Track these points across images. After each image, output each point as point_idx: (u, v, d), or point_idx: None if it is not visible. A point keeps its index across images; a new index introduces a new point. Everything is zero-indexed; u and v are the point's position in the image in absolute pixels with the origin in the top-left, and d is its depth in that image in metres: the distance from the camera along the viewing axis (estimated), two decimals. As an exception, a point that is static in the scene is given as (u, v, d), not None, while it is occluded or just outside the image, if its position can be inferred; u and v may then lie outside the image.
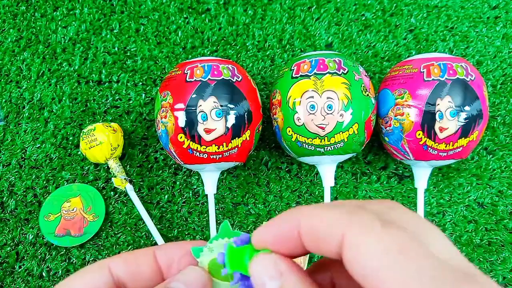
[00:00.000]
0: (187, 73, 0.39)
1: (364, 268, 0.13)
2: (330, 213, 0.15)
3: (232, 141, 0.38)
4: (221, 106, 0.38)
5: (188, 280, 0.18)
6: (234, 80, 0.39)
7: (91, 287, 0.18)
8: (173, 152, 0.40)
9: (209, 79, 0.38)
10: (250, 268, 0.17)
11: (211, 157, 0.39)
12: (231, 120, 0.38)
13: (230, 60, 0.42)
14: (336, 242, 0.14)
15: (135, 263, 0.19)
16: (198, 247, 0.19)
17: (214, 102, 0.37)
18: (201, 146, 0.38)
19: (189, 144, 0.38)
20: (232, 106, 0.38)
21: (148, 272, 0.19)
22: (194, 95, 0.38)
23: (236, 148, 0.39)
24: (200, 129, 0.37)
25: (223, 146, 0.38)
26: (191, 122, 0.37)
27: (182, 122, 0.38)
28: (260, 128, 0.42)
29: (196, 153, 0.39)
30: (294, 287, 0.15)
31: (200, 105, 0.37)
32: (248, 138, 0.40)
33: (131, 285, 0.19)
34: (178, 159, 0.40)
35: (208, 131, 0.38)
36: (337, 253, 0.14)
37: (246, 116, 0.39)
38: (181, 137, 0.38)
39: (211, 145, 0.38)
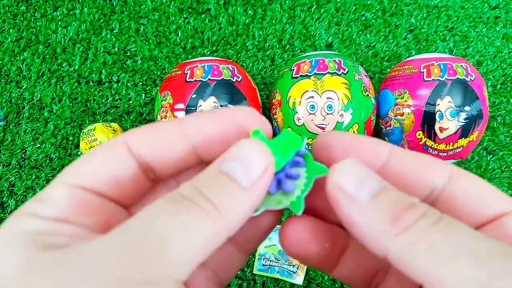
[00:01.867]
0: (187, 73, 0.39)
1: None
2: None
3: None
4: (221, 106, 0.37)
5: (245, 157, 0.13)
6: (234, 80, 0.39)
7: (107, 171, 0.14)
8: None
9: (209, 79, 0.38)
10: (330, 179, 0.13)
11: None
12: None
13: (230, 60, 0.42)
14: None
15: (160, 137, 0.14)
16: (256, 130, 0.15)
17: (214, 102, 0.37)
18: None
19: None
20: (232, 106, 0.38)
21: (178, 147, 0.14)
22: (194, 95, 0.37)
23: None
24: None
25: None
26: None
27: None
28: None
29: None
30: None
31: (200, 105, 0.37)
32: (248, 138, 0.40)
33: (159, 165, 0.14)
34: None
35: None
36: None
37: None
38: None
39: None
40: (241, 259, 0.17)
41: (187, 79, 0.38)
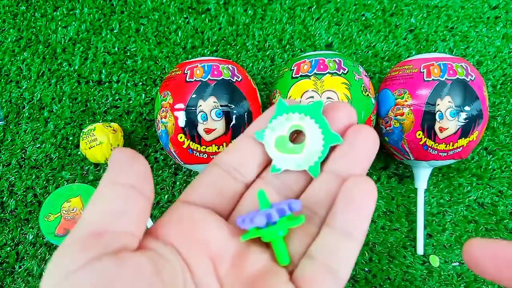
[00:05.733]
0: (187, 73, 0.39)
1: None
2: None
3: (232, 141, 0.38)
4: (221, 106, 0.38)
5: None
6: (234, 80, 0.39)
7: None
8: (173, 152, 0.40)
9: (209, 79, 0.38)
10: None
11: (211, 157, 0.39)
12: (231, 120, 0.38)
13: (230, 60, 0.42)
14: None
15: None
16: (260, 130, 0.20)
17: (214, 102, 0.37)
18: (201, 146, 0.38)
19: (189, 144, 0.38)
20: (232, 106, 0.38)
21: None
22: (194, 95, 0.37)
23: (236, 148, 0.39)
24: (200, 129, 0.37)
25: (223, 146, 0.38)
26: (191, 122, 0.37)
27: (182, 122, 0.38)
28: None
29: (196, 153, 0.39)
30: None
31: (200, 105, 0.37)
32: (248, 138, 0.40)
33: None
34: (178, 159, 0.40)
35: (208, 131, 0.38)
36: None
37: (246, 116, 0.39)
38: (181, 137, 0.38)
39: (211, 145, 0.38)
40: None
41: (187, 79, 0.38)
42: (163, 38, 0.51)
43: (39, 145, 0.48)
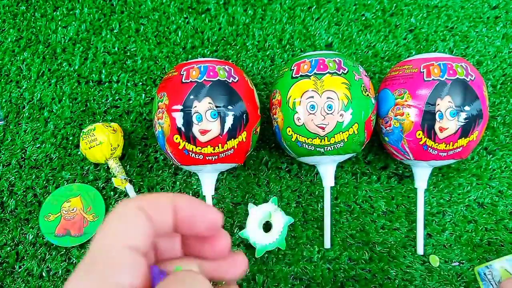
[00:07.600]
0: (183, 74, 0.39)
1: None
2: None
3: (227, 142, 0.38)
4: (216, 107, 0.37)
5: None
6: (230, 81, 0.39)
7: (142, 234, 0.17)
8: (170, 153, 0.40)
9: (204, 80, 0.38)
10: None
11: (207, 158, 0.39)
12: (227, 121, 0.38)
13: (228, 61, 0.42)
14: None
15: (194, 207, 0.19)
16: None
17: (209, 103, 0.37)
18: (196, 147, 0.38)
19: (184, 145, 0.38)
20: (228, 107, 0.38)
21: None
22: (190, 96, 0.37)
23: (232, 149, 0.39)
24: (195, 130, 0.37)
25: (218, 147, 0.38)
26: (187, 123, 0.37)
27: (177, 123, 0.38)
28: (257, 129, 0.42)
29: (191, 154, 0.38)
30: None
31: (195, 106, 0.37)
32: (244, 139, 0.39)
33: (186, 229, 0.19)
34: (175, 160, 0.40)
35: (203, 132, 0.37)
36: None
37: (242, 117, 0.39)
38: (177, 138, 0.38)
39: (206, 146, 0.38)
40: None
41: (183, 80, 0.38)
42: (163, 38, 0.51)
43: (39, 145, 0.48)
